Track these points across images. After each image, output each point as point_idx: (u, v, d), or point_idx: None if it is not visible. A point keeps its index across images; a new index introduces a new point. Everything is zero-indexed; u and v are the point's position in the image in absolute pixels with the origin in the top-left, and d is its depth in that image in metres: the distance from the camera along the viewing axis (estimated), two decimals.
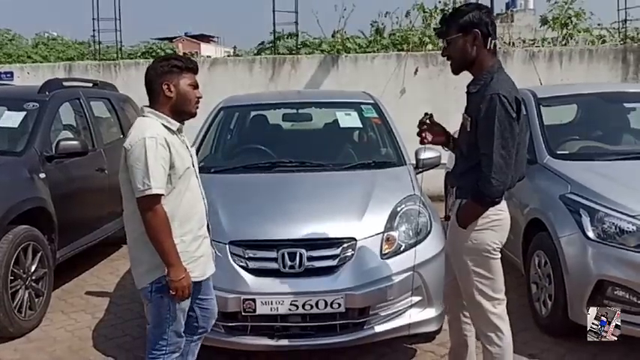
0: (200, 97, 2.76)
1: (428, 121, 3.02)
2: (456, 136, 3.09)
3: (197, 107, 2.76)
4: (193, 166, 2.78)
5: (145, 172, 2.51)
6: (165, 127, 2.66)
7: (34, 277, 4.39)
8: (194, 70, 2.75)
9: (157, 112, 2.68)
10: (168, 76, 2.67)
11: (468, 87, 2.86)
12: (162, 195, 2.56)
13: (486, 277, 2.82)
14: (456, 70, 2.88)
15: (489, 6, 9.18)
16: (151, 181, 2.51)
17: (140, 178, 2.52)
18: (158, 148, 2.54)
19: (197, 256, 2.73)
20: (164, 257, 2.57)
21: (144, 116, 2.71)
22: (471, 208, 2.80)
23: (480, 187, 2.70)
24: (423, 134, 3.01)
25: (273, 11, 9.43)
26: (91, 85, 6.41)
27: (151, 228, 2.55)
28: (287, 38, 10.08)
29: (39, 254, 4.45)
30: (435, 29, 2.99)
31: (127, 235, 2.76)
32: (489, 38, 2.78)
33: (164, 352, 2.76)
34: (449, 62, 2.90)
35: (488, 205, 2.76)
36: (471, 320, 3.03)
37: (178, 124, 2.72)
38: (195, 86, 2.74)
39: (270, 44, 10.00)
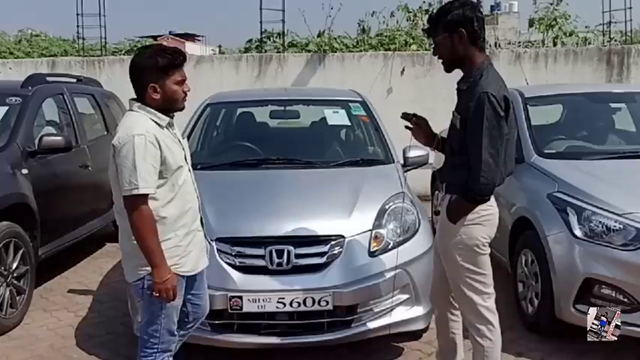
0: (188, 91, 2.69)
1: (414, 120, 3.03)
2: (444, 134, 3.07)
3: (185, 101, 2.70)
4: (186, 160, 2.73)
5: (132, 170, 2.46)
6: (155, 122, 2.60)
7: (15, 275, 4.31)
8: (182, 64, 2.65)
9: (145, 107, 2.61)
10: (154, 77, 2.57)
11: (458, 84, 2.86)
12: (150, 194, 2.51)
13: (476, 272, 2.84)
14: (448, 69, 2.88)
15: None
16: (139, 181, 2.46)
17: (127, 176, 2.47)
18: (147, 147, 2.49)
19: (189, 251, 2.69)
20: (148, 257, 2.52)
21: (132, 111, 2.64)
22: (460, 205, 2.81)
23: (470, 185, 2.71)
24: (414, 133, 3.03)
25: (260, 9, 9.40)
26: (75, 80, 6.32)
27: (136, 228, 2.51)
28: (275, 38, 10.02)
29: (21, 251, 4.37)
30: (423, 29, 3.01)
31: (119, 229, 2.71)
32: (477, 35, 2.76)
33: (156, 349, 2.71)
34: (440, 61, 2.89)
35: (477, 202, 2.78)
36: (461, 315, 3.03)
37: (168, 119, 2.66)
38: (183, 81, 2.65)
39: (257, 43, 9.95)
